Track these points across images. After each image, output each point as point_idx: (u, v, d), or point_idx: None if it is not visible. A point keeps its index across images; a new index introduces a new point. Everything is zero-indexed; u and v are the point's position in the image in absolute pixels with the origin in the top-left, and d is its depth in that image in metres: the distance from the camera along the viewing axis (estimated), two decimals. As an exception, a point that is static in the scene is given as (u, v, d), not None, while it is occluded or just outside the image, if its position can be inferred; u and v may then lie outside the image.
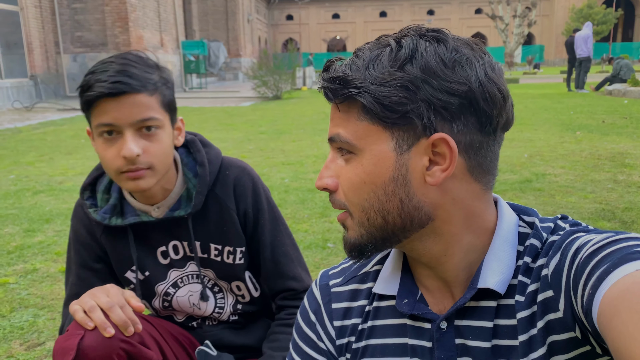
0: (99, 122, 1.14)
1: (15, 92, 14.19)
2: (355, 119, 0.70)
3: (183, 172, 1.31)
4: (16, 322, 2.38)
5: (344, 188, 0.72)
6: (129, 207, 1.30)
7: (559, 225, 0.74)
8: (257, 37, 38.87)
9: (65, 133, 8.92)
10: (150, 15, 18.27)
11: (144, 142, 1.16)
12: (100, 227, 1.31)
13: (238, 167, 1.36)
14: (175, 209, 1.29)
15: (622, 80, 14.27)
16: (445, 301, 0.76)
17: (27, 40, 14.86)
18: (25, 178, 5.42)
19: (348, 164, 0.72)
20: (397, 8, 51.05)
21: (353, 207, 0.72)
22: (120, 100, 1.11)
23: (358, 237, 0.73)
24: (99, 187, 1.32)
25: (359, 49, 0.72)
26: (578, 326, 0.63)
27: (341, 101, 0.70)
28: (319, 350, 0.85)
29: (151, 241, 1.33)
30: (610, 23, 38.04)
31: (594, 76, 19.53)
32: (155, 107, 1.17)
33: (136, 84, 1.12)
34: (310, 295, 0.90)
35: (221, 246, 1.34)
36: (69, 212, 4.10)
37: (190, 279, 1.37)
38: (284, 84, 16.44)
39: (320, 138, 7.76)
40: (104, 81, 1.10)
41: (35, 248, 3.34)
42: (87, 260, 1.33)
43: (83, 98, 1.14)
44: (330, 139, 0.73)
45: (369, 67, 0.68)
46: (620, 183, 4.62)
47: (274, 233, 1.37)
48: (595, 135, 7.17)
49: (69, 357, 1.02)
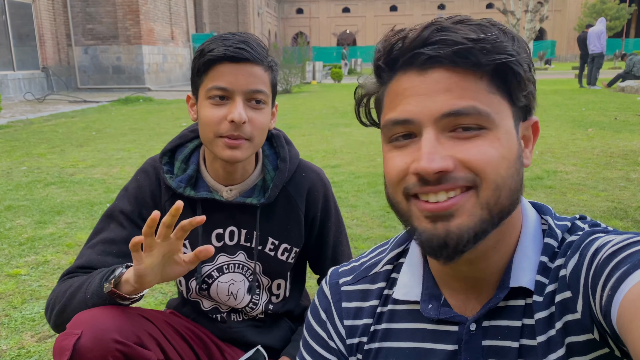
0: (213, 84, 1.19)
1: (27, 83, 14.30)
2: (486, 91, 0.65)
3: (263, 163, 1.35)
4: (27, 313, 2.40)
5: (474, 163, 0.64)
6: (203, 182, 1.33)
7: (577, 225, 0.73)
8: (267, 31, 38.81)
9: (76, 125, 8.97)
10: (161, 8, 18.30)
11: (251, 113, 1.21)
12: (169, 193, 1.32)
13: (314, 172, 1.41)
14: (248, 196, 1.32)
15: (635, 77, 14.11)
16: (469, 303, 0.75)
17: (39, 32, 14.95)
18: (36, 170, 5.46)
19: (479, 139, 0.64)
20: (408, 2, 50.75)
21: (486, 184, 0.64)
22: (239, 66, 1.18)
23: (476, 224, 0.64)
24: (179, 156, 1.35)
25: (461, 20, 0.65)
26: (596, 328, 0.62)
27: (480, 67, 0.63)
28: (329, 349, 0.84)
29: (212, 220, 1.33)
30: (623, 19, 37.59)
31: (607, 72, 19.32)
32: (266, 83, 1.23)
33: (257, 55, 1.19)
34: (320, 293, 0.89)
35: (279, 242, 1.36)
36: (80, 205, 4.13)
37: (236, 268, 1.37)
38: (293, 77, 16.42)
39: (330, 132, 7.75)
40: (228, 46, 1.17)
41: (46, 240, 3.36)
42: (137, 216, 1.32)
43: (203, 59, 1.19)
44: (455, 113, 0.64)
45: (507, 38, 0.65)
46: (633, 181, 4.57)
47: (337, 235, 1.44)
48: (607, 133, 7.09)
49: (65, 357, 1.01)
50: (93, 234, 1.30)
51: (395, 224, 3.53)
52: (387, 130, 0.68)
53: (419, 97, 0.65)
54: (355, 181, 4.78)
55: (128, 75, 16.76)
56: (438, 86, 0.64)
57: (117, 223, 1.29)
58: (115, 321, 1.07)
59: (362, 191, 4.43)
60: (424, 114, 0.64)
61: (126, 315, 1.10)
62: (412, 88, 0.65)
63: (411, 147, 0.66)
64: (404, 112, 0.66)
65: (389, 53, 0.67)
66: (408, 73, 0.66)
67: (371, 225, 3.55)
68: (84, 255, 1.26)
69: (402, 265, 0.82)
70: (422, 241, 0.66)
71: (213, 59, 1.17)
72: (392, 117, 0.67)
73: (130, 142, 7.11)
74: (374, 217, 3.71)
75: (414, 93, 0.65)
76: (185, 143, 1.37)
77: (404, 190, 0.67)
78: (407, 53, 0.65)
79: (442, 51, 0.62)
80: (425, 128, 0.65)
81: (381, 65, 0.69)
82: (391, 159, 0.69)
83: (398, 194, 0.68)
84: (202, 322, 1.41)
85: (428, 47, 0.63)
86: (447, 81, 0.64)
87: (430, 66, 0.64)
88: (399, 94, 0.67)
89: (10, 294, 2.60)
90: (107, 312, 1.08)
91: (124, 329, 1.07)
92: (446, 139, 0.65)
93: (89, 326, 1.04)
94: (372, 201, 4.12)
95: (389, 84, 0.69)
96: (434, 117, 0.64)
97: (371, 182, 4.71)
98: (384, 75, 0.70)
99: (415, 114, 0.65)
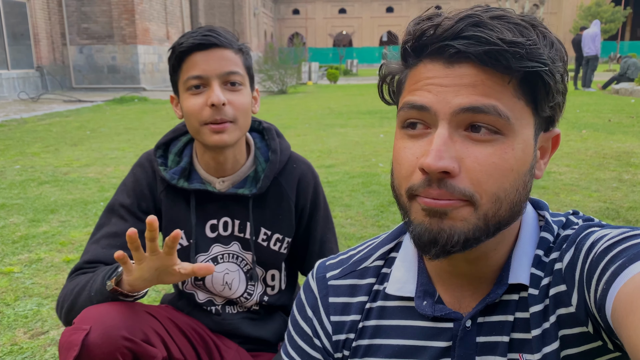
0: (188, 75, 1.23)
1: (22, 83, 14.24)
2: (511, 95, 0.62)
3: (255, 155, 1.38)
4: (20, 310, 2.40)
5: (477, 173, 0.61)
6: (196, 175, 1.36)
7: (571, 220, 0.73)
8: (263, 31, 38.81)
9: (70, 124, 8.95)
10: (157, 7, 18.26)
11: (229, 95, 1.24)
12: (163, 185, 1.35)
13: (305, 164, 1.44)
14: (240, 187, 1.35)
15: (630, 79, 14.18)
16: (464, 299, 0.74)
17: (34, 31, 14.89)
18: (30, 168, 5.44)
19: (490, 145, 0.62)
20: (404, 4, 50.82)
21: (485, 197, 0.62)
22: (210, 53, 1.22)
23: (469, 230, 0.63)
24: (172, 149, 1.39)
25: (501, 16, 0.61)
26: (591, 321, 0.62)
27: (509, 71, 0.61)
28: (314, 347, 0.83)
29: (206, 211, 1.36)
30: (618, 21, 37.77)
31: (601, 75, 19.41)
32: (240, 65, 1.27)
33: (224, 40, 1.24)
34: (307, 287, 0.87)
35: (271, 232, 1.39)
36: (74, 203, 4.12)
37: (231, 258, 1.40)
38: (289, 78, 16.43)
39: (325, 133, 7.76)
40: (195, 36, 1.22)
41: (40, 238, 3.35)
42: (136, 208, 1.35)
43: (175, 54, 1.24)
44: (474, 109, 0.61)
45: (545, 43, 0.62)
46: (626, 182, 4.60)
47: (325, 230, 1.45)
48: (601, 134, 7.13)
49: (73, 352, 1.01)
50: (96, 229, 1.33)
51: (389, 223, 3.55)
52: (402, 112, 0.66)
53: (441, 88, 0.62)
54: (350, 181, 4.79)
55: (123, 74, 16.72)
56: (462, 81, 0.61)
57: (118, 217, 1.32)
58: (124, 318, 1.07)
59: (357, 191, 4.44)
60: (442, 105, 0.62)
61: (133, 312, 1.11)
62: (435, 79, 0.63)
63: (423, 139, 0.65)
64: (423, 98, 0.63)
65: (418, 39, 0.64)
66: (434, 62, 0.64)
67: (365, 225, 3.56)
68: (90, 250, 1.28)
69: (394, 260, 0.81)
70: (414, 234, 0.65)
71: (184, 50, 1.22)
72: (409, 100, 0.65)
73: (125, 142, 7.10)
74: (368, 217, 3.73)
75: (436, 83, 0.63)
76: (179, 137, 1.40)
77: (409, 189, 0.65)
78: (437, 43, 0.62)
79: (473, 48, 0.60)
80: (441, 121, 0.62)
81: (407, 50, 0.66)
82: (402, 149, 0.67)
83: (402, 188, 0.67)
84: (197, 316, 1.42)
85: (459, 41, 0.60)
86: (473, 78, 0.61)
87: (458, 60, 0.62)
88: (420, 80, 0.65)
89: (3, 291, 2.60)
90: (116, 308, 1.09)
91: (131, 325, 1.07)
92: (459, 137, 0.62)
93: (97, 322, 1.04)
94: (366, 201, 4.13)
95: (413, 69, 0.67)
96: (451, 110, 0.61)
97: (365, 182, 4.72)
98: (409, 59, 0.67)
99: (433, 103, 0.63)
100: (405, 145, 0.66)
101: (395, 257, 0.81)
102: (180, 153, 1.38)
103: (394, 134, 0.73)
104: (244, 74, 1.27)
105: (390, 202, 4.03)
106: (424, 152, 0.63)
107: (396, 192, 0.69)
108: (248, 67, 1.30)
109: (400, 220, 0.73)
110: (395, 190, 0.69)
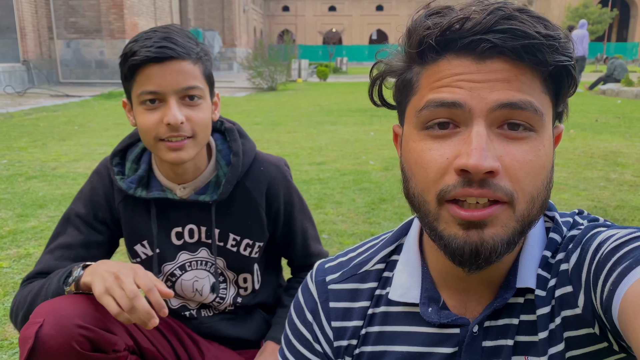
0: (142, 89, 1.13)
1: (8, 77, 14.05)
2: (539, 91, 0.60)
3: (216, 159, 1.31)
4: (9, 305, 2.36)
5: (517, 172, 0.59)
6: (156, 182, 1.29)
7: (577, 221, 0.72)
8: (253, 28, 38.65)
9: (58, 119, 8.85)
10: (146, 2, 18.11)
11: (187, 111, 1.15)
12: (121, 195, 1.29)
13: (273, 165, 1.36)
14: (201, 193, 1.28)
15: (616, 80, 14.34)
16: (469, 304, 0.72)
17: (20, 24, 14.69)
18: (17, 163, 5.37)
19: (525, 142, 0.60)
20: (394, 2, 50.94)
21: (521, 196, 0.60)
22: (165, 66, 1.11)
23: (509, 235, 0.61)
24: (129, 156, 1.31)
25: (523, 10, 0.59)
26: (597, 323, 0.61)
27: (543, 66, 0.59)
28: (314, 352, 0.80)
29: (169, 220, 1.31)
30: (605, 23, 38.15)
31: (588, 75, 19.61)
32: (199, 77, 1.17)
33: (181, 51, 1.12)
34: (306, 290, 0.84)
35: (240, 237, 1.34)
36: (63, 198, 4.08)
37: (199, 265, 1.36)
38: (279, 75, 16.38)
39: (316, 130, 7.76)
40: (149, 47, 1.10)
41: (28, 233, 3.32)
42: (92, 219, 1.30)
43: (127, 64, 1.13)
44: (512, 105, 0.59)
45: (569, 38, 0.60)
46: (613, 181, 4.66)
47: (303, 222, 1.43)
48: (588, 134, 7.21)
49: (27, 345, 1.00)
50: (52, 238, 1.29)
51: (380, 220, 3.56)
52: (425, 112, 0.62)
53: (474, 84, 0.59)
54: (341, 178, 4.80)
55: (111, 69, 16.56)
56: (496, 76, 0.59)
57: (74, 227, 1.28)
58: (78, 307, 1.05)
59: (348, 188, 4.45)
60: (477, 101, 0.59)
61: (90, 302, 1.08)
62: (466, 74, 0.59)
63: (453, 139, 0.61)
64: (455, 95, 0.59)
65: (443, 33, 0.60)
66: (461, 57, 0.60)
67: (356, 222, 3.57)
68: (43, 260, 1.25)
69: (395, 263, 0.79)
70: (451, 249, 0.61)
71: (136, 63, 1.11)
72: (435, 97, 0.61)
73: (114, 137, 7.04)
74: (359, 214, 3.73)
75: (468, 79, 0.59)
76: (136, 142, 1.33)
77: (440, 192, 0.60)
78: (468, 37, 0.58)
79: (510, 42, 0.57)
80: (477, 119, 0.59)
81: (431, 44, 0.61)
82: (427, 151, 0.61)
83: (430, 194, 0.62)
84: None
85: (493, 35, 0.57)
86: (507, 73, 0.59)
87: (490, 55, 0.59)
88: (446, 77, 0.60)
89: (-9, 286, 2.57)
90: (70, 300, 1.07)
91: (87, 314, 1.05)
92: (494, 136, 0.59)
93: (50, 314, 1.03)
94: (357, 198, 4.14)
95: (431, 65, 0.62)
96: (488, 107, 0.58)
97: (356, 179, 4.73)
98: (429, 55, 0.62)
99: (467, 99, 0.59)
100: (430, 147, 0.62)
101: (397, 261, 0.79)
102: (138, 160, 1.31)
103: (393, 134, 0.71)
104: (203, 86, 1.18)
105: (380, 200, 4.04)
106: (456, 153, 0.59)
107: (418, 199, 0.64)
108: (208, 76, 1.21)
109: (391, 218, 0.72)
110: (416, 197, 0.64)
